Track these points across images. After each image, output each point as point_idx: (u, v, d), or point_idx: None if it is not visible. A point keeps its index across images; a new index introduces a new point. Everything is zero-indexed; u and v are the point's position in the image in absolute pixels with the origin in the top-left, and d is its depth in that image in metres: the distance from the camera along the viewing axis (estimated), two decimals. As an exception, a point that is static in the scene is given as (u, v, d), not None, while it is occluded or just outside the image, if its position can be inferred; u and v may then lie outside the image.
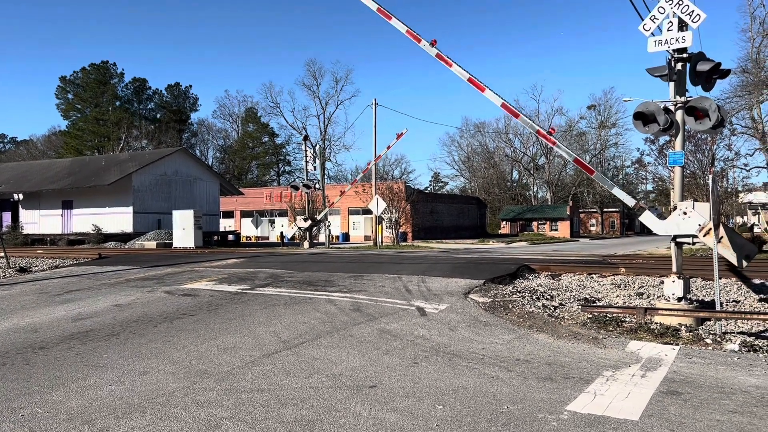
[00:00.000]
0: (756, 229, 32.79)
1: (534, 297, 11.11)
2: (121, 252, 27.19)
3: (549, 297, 11.32)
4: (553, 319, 9.19)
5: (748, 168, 45.20)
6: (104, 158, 49.69)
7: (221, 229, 49.16)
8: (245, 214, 61.58)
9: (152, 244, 34.55)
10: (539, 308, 10.05)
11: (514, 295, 11.13)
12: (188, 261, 19.31)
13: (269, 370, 6.09)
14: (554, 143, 11.76)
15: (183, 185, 42.36)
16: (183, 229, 34.05)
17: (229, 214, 62.39)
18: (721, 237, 9.02)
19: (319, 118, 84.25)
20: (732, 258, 9.27)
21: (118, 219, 38.49)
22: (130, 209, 38.37)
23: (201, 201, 42.81)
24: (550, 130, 12.52)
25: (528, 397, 5.20)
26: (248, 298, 10.83)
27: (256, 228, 47.64)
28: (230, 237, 44.51)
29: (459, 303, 10.06)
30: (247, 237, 57.06)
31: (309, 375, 5.88)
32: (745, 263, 9.35)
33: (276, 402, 5.03)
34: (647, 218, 9.80)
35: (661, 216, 9.83)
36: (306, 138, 35.23)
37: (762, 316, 9.05)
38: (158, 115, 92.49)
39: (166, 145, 77.02)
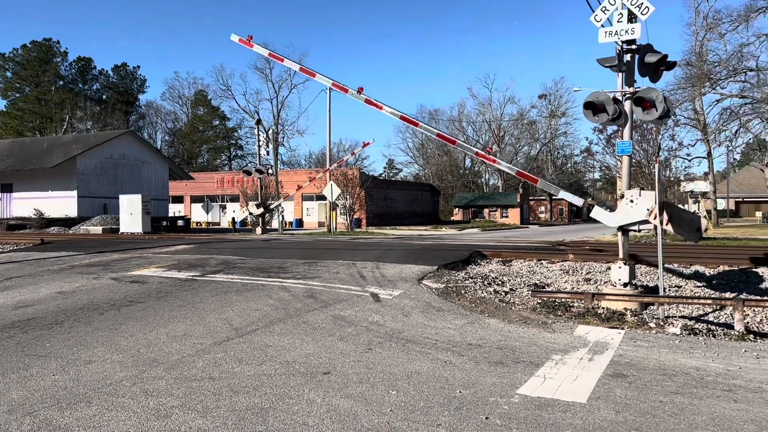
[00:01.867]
0: (696, 217, 33.98)
1: (486, 283, 11.28)
2: (65, 237, 26.26)
3: (500, 283, 11.51)
4: (504, 305, 9.35)
5: (690, 158, 47.00)
6: (46, 140, 47.72)
7: (170, 214, 48.01)
8: (195, 199, 60.34)
9: (98, 230, 33.51)
10: (491, 294, 10.21)
11: (467, 281, 11.27)
12: (136, 247, 18.81)
13: (221, 357, 6.00)
14: (494, 161, 12.10)
15: (130, 169, 41.15)
16: (130, 214, 33.12)
17: (178, 199, 61.00)
18: (671, 218, 9.34)
19: (272, 102, 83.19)
20: (685, 234, 9.66)
21: (61, 203, 37.13)
22: (75, 193, 37.06)
23: (149, 185, 41.69)
24: (488, 149, 12.98)
25: (480, 381, 5.27)
26: (199, 285, 10.63)
27: (207, 213, 46.77)
28: (180, 222, 43.53)
29: (413, 289, 10.13)
30: (197, 223, 55.96)
31: (262, 362, 5.82)
32: (698, 236, 9.73)
33: (228, 390, 4.95)
34: (598, 213, 10.05)
35: (610, 208, 10.11)
36: (259, 122, 34.66)
37: (702, 301, 9.43)
38: (104, 97, 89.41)
39: (113, 127, 74.54)
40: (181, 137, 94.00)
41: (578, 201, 11.06)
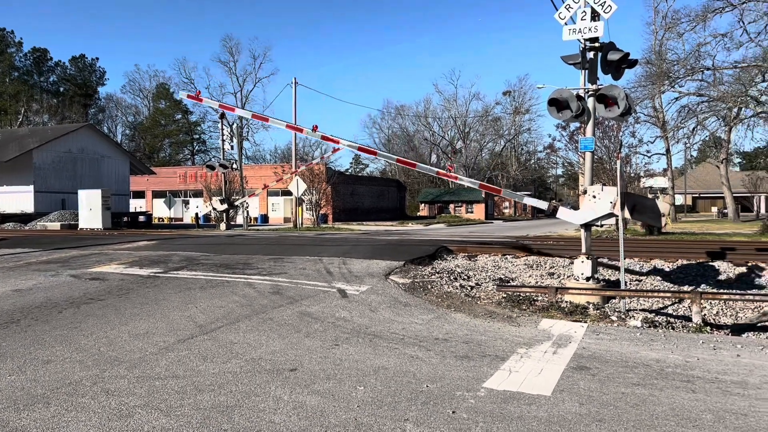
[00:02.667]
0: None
1: (452, 277, 11.35)
2: (21, 233, 25.49)
3: (466, 277, 11.60)
4: (470, 299, 9.43)
5: (649, 154, 48.04)
6: (1, 133, 46.22)
7: (132, 209, 47.09)
8: (157, 194, 59.22)
9: (56, 226, 32.64)
10: (457, 288, 10.28)
11: (433, 276, 11.32)
12: (96, 243, 18.37)
13: (185, 355, 5.89)
14: (456, 178, 12.32)
15: (90, 163, 40.17)
16: (90, 209, 32.35)
17: (140, 195, 59.81)
18: (634, 207, 9.56)
19: (236, 96, 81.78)
20: (650, 221, 9.94)
21: (17, 198, 36.04)
22: (31, 188, 36.02)
23: (109, 180, 40.78)
24: (448, 167, 13.37)
25: (446, 375, 5.30)
26: (161, 282, 10.44)
27: (170, 209, 45.91)
28: (141, 218, 42.75)
29: (380, 284, 10.13)
30: (159, 218, 54.98)
31: (227, 360, 5.74)
32: (661, 222, 10.01)
33: (192, 388, 4.87)
34: (564, 214, 10.21)
35: (573, 207, 10.29)
36: (222, 116, 34.15)
37: (661, 294, 9.68)
38: (62, 89, 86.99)
39: (71, 120, 72.54)
40: (143, 131, 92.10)
41: (543, 205, 11.23)
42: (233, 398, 4.64)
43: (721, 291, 10.79)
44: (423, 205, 78.67)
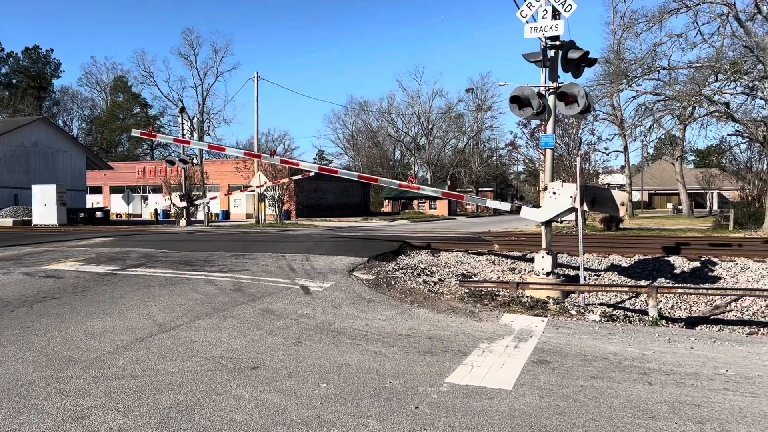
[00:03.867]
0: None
1: (415, 273, 11.39)
2: (-30, 230, 24.59)
3: (429, 273, 11.66)
4: (433, 294, 9.48)
5: (608, 152, 49.09)
6: (-51, 126, 44.42)
7: (88, 205, 45.83)
8: (115, 189, 57.79)
9: (8, 222, 31.60)
10: (420, 284, 10.33)
11: (397, 272, 11.35)
12: (51, 240, 17.84)
13: (143, 354, 5.77)
14: (418, 188, 12.49)
15: (44, 158, 38.99)
16: (44, 205, 31.41)
17: (97, 190, 58.32)
18: (594, 199, 9.76)
19: (197, 90, 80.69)
20: (610, 211, 10.20)
21: (-34, 194, 34.74)
22: (-19, 183, 34.76)
23: (65, 175, 39.64)
24: (410, 178, 13.59)
25: (410, 371, 5.31)
26: (119, 280, 10.20)
27: (128, 205, 44.88)
28: (98, 214, 41.64)
29: (343, 281, 10.10)
30: (117, 214, 53.70)
31: (187, 358, 5.64)
32: (621, 212, 10.24)
33: (151, 388, 4.77)
34: (527, 213, 10.35)
35: (534, 205, 10.45)
36: (183, 110, 33.55)
37: (618, 289, 9.90)
38: (14, 81, 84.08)
39: (24, 113, 70.20)
40: (100, 125, 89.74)
41: (506, 206, 11.38)
42: (193, 397, 4.56)
43: (676, 285, 11.10)
44: (387, 201, 78.77)
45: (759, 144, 28.30)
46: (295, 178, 37.03)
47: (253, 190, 34.81)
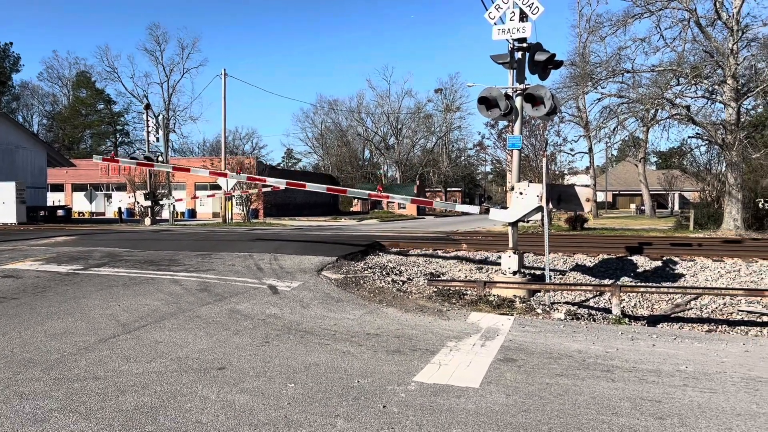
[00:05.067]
0: (578, 209, 36.58)
1: (384, 272, 11.41)
2: (-76, 229, 23.76)
3: (398, 272, 11.69)
4: (401, 294, 9.50)
5: (573, 153, 49.87)
6: None
7: (50, 203, 44.73)
8: (77, 187, 56.52)
9: (-36, 220, 30.64)
10: (389, 283, 10.34)
11: (366, 271, 11.35)
12: (9, 239, 17.35)
13: (106, 355, 5.65)
14: (387, 197, 12.68)
15: (2, 155, 37.84)
16: (2, 203, 30.59)
17: (58, 188, 56.92)
18: (560, 197, 9.92)
19: (162, 87, 79.30)
20: (575, 208, 10.36)
21: None
22: (-65, 180, 33.59)
23: (24, 172, 38.55)
24: (378, 188, 14.08)
25: (378, 370, 5.32)
26: (81, 279, 9.97)
27: (91, 203, 43.94)
28: (60, 212, 40.66)
29: (312, 280, 10.05)
30: (80, 213, 52.52)
31: (151, 359, 5.54)
32: (586, 208, 10.47)
33: (114, 389, 4.68)
34: (495, 214, 10.45)
35: (502, 206, 10.58)
36: (147, 107, 33.02)
37: (583, 288, 10.06)
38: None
39: (-18, 108, 68.14)
40: (61, 121, 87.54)
41: (475, 209, 11.49)
42: (158, 399, 4.48)
43: (639, 284, 11.34)
44: (356, 200, 78.68)
45: (718, 146, 29.07)
46: (264, 190, 36.68)
47: (229, 197, 34.45)
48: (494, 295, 9.49)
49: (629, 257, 13.88)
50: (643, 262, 13.44)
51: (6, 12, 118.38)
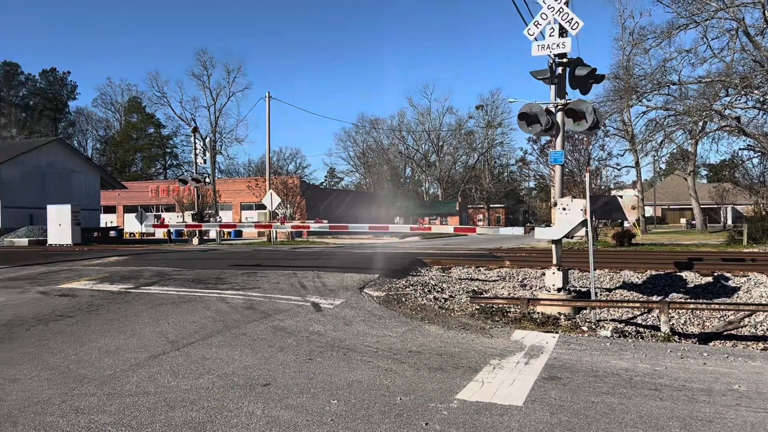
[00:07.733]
0: (626, 224, 35.79)
1: (426, 290, 11.40)
2: (-14, 250, 24.90)
3: (440, 290, 11.66)
4: (443, 311, 9.48)
5: (619, 167, 48.94)
6: (-34, 147, 45.18)
7: (102, 224, 46.37)
8: (129, 209, 58.43)
9: (24, 242, 31.99)
10: (431, 300, 10.33)
11: (407, 289, 11.36)
12: (65, 259, 18.05)
13: (156, 371, 5.83)
14: (429, 229, 12.88)
15: (59, 178, 39.50)
16: (59, 225, 31.79)
17: (111, 209, 58.96)
18: (606, 205, 9.80)
19: (209, 110, 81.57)
20: (622, 217, 10.25)
21: (-17, 214, 35.21)
22: (-2, 203, 35.25)
23: (79, 195, 40.11)
24: (419, 221, 14.81)
25: (420, 387, 5.33)
26: (132, 298, 10.30)
27: (141, 224, 45.30)
28: (112, 233, 42.01)
29: (354, 297, 10.13)
30: (130, 233, 54.13)
31: (199, 375, 5.69)
32: (632, 217, 10.30)
33: (164, 404, 4.82)
34: (540, 233, 10.36)
35: (547, 223, 10.49)
36: (195, 130, 33.96)
37: (630, 305, 9.84)
38: (31, 103, 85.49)
39: (40, 134, 71.35)
40: (114, 145, 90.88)
41: (519, 231, 11.44)
42: (205, 414, 4.60)
43: (689, 301, 11.02)
44: (398, 218, 78.85)
45: (771, 158, 28.13)
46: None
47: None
48: (538, 313, 9.37)
49: (678, 273, 13.50)
50: (693, 278, 13.06)
51: (64, 42, 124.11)
